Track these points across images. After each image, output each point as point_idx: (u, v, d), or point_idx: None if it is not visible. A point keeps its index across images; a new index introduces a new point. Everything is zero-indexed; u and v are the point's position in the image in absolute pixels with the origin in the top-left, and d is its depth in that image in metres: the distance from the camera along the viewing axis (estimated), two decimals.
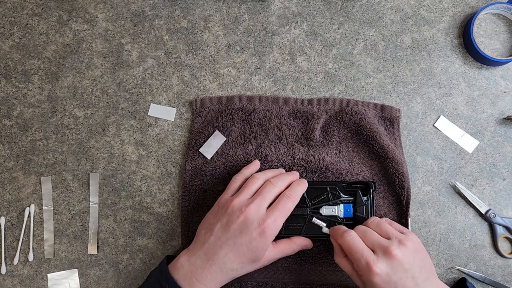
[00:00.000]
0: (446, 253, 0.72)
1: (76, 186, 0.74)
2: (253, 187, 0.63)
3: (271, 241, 0.61)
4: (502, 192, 0.73)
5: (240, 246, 0.59)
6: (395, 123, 0.73)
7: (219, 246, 0.60)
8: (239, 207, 0.61)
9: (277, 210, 0.61)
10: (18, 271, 0.73)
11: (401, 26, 0.77)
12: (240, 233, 0.59)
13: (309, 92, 0.75)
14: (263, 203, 0.61)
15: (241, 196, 0.62)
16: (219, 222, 0.61)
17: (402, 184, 0.71)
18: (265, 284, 0.70)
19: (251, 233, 0.59)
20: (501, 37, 0.76)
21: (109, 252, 0.73)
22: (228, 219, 0.61)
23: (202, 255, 0.60)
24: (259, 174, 0.66)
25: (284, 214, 0.61)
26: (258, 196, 0.62)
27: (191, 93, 0.76)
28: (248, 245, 0.59)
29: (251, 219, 0.59)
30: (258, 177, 0.65)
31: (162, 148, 0.75)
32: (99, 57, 0.76)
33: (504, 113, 0.75)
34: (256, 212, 0.60)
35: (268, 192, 0.62)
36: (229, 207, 0.61)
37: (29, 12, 0.77)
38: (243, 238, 0.59)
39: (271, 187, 0.63)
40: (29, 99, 0.76)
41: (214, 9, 0.77)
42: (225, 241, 0.60)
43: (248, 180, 0.64)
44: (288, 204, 0.62)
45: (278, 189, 0.63)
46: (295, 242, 0.66)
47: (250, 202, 0.61)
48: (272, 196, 0.62)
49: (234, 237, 0.60)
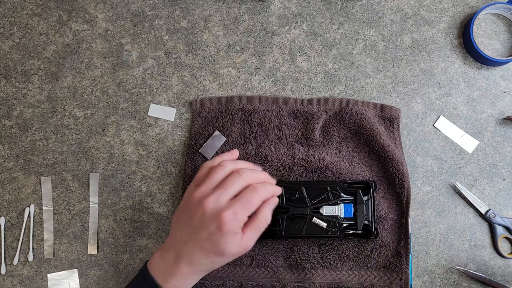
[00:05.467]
0: (446, 253, 0.72)
1: (76, 186, 0.74)
2: (216, 177, 0.57)
3: (234, 234, 0.54)
4: (502, 192, 0.73)
5: (202, 242, 0.55)
6: (395, 122, 0.73)
7: (184, 242, 0.56)
8: (199, 199, 0.56)
9: (238, 202, 0.55)
10: (18, 271, 0.73)
11: (401, 26, 0.77)
12: (200, 228, 0.55)
13: (309, 92, 0.75)
14: (224, 195, 0.55)
15: (202, 187, 0.57)
16: (183, 217, 0.57)
17: (402, 183, 0.71)
18: (265, 284, 0.70)
19: (209, 227, 0.54)
20: (501, 37, 0.76)
21: (109, 252, 0.73)
22: (190, 213, 0.56)
23: (172, 252, 0.57)
24: (227, 162, 0.59)
25: (247, 207, 0.55)
26: (220, 187, 0.56)
27: (191, 93, 0.76)
28: (209, 241, 0.54)
29: (209, 213, 0.54)
30: (224, 166, 0.58)
31: (162, 148, 0.75)
32: (99, 57, 0.76)
33: (504, 113, 0.75)
34: (215, 205, 0.54)
35: (232, 183, 0.56)
36: (191, 200, 0.57)
37: (29, 12, 0.77)
38: (203, 233, 0.55)
39: (236, 177, 0.56)
40: (29, 99, 0.76)
41: (214, 9, 0.77)
42: (188, 236, 0.56)
43: (213, 168, 0.58)
44: (253, 197, 0.55)
45: (245, 181, 0.57)
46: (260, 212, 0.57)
47: (210, 194, 0.55)
48: (236, 188, 0.56)
49: (196, 232, 0.55)
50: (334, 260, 0.70)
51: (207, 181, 0.57)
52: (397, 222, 0.71)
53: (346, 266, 0.70)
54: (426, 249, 0.72)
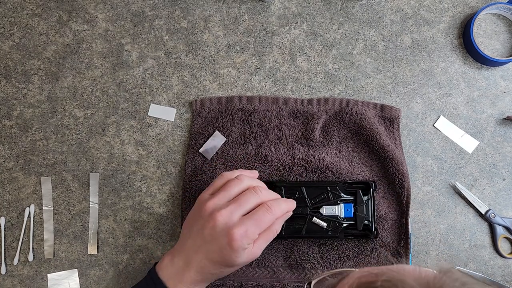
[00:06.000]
0: (446, 253, 0.72)
1: (76, 186, 0.74)
2: (232, 191, 0.58)
3: (243, 250, 0.55)
4: (502, 192, 0.73)
5: (212, 253, 0.56)
6: (395, 122, 0.73)
7: (194, 251, 0.57)
8: (211, 211, 0.56)
9: (250, 219, 0.55)
10: (18, 271, 0.73)
11: (401, 26, 0.77)
12: (211, 240, 0.56)
13: (309, 92, 0.75)
14: (238, 211, 0.56)
15: (216, 198, 0.57)
16: (196, 225, 0.58)
17: (402, 183, 0.71)
18: (266, 284, 0.70)
19: (220, 242, 0.55)
20: (501, 37, 0.76)
21: (109, 252, 0.73)
22: (202, 223, 0.57)
23: (182, 257, 0.58)
24: (245, 176, 0.59)
25: (259, 226, 0.56)
26: (234, 202, 0.56)
27: (191, 93, 0.76)
28: (219, 253, 0.55)
29: (220, 228, 0.55)
30: (241, 180, 0.59)
31: (162, 149, 0.75)
32: (99, 57, 0.76)
33: (504, 113, 0.75)
34: (227, 220, 0.55)
35: (247, 200, 0.57)
36: (203, 209, 0.57)
37: (29, 12, 0.77)
38: (214, 245, 0.56)
39: (251, 194, 0.57)
40: (29, 99, 0.76)
41: (214, 10, 0.77)
42: (199, 246, 0.57)
43: (230, 181, 0.59)
44: (265, 216, 0.56)
45: (260, 199, 0.58)
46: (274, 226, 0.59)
47: (222, 207, 0.56)
48: (250, 205, 0.57)
49: (207, 243, 0.56)
50: (334, 260, 0.70)
51: (222, 193, 0.58)
52: (397, 222, 0.71)
53: (346, 266, 0.70)
54: (426, 249, 0.72)
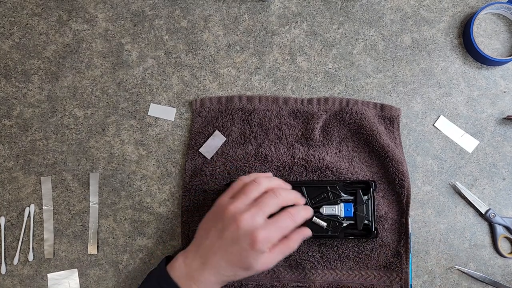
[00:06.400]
0: (446, 253, 0.72)
1: (76, 186, 0.74)
2: (252, 194, 0.59)
3: (262, 253, 0.57)
4: (502, 192, 0.73)
5: (231, 255, 0.57)
6: (395, 122, 0.73)
7: (213, 252, 0.58)
8: (233, 214, 0.57)
9: (274, 225, 0.57)
10: (18, 271, 0.73)
11: (401, 26, 0.77)
12: (232, 242, 0.57)
13: (309, 92, 0.75)
14: (259, 214, 0.57)
15: (237, 202, 0.58)
16: (215, 227, 0.59)
17: (402, 183, 0.71)
18: (266, 284, 0.70)
19: (241, 243, 0.56)
20: (501, 37, 0.76)
21: (109, 252, 0.73)
22: (222, 225, 0.58)
23: (198, 258, 0.59)
24: (262, 179, 0.61)
25: (281, 232, 0.58)
26: (255, 205, 0.58)
27: (191, 93, 0.76)
28: (238, 255, 0.57)
29: (243, 230, 0.56)
30: (260, 183, 0.60)
31: (162, 148, 0.75)
32: (99, 57, 0.76)
33: (504, 113, 0.75)
34: (250, 223, 0.56)
35: (267, 203, 0.58)
36: (225, 212, 0.58)
37: (29, 12, 0.77)
38: (234, 247, 0.57)
39: (272, 197, 0.59)
40: (29, 99, 0.76)
41: (214, 9, 0.77)
42: (218, 247, 0.58)
43: (248, 184, 0.60)
44: (288, 223, 0.58)
45: (280, 201, 0.59)
46: (292, 239, 0.60)
47: (245, 211, 0.57)
48: (271, 208, 0.59)
49: (227, 245, 0.57)
50: (334, 260, 0.70)
51: (242, 197, 0.59)
52: (397, 221, 0.71)
53: (346, 265, 0.70)
54: (426, 249, 0.72)
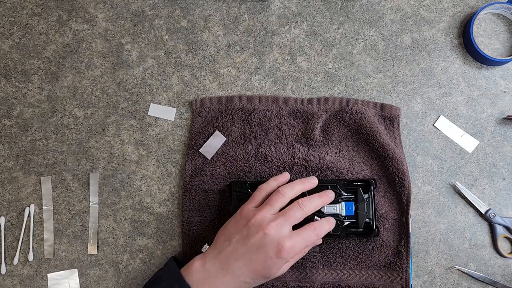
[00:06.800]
0: (446, 253, 0.72)
1: (76, 186, 0.74)
2: (277, 205, 0.62)
3: (284, 264, 0.60)
4: (502, 192, 0.73)
5: (255, 262, 0.59)
6: (395, 121, 0.73)
7: (235, 258, 0.59)
8: (260, 222, 0.60)
9: (299, 236, 0.60)
10: (18, 271, 0.73)
11: (401, 26, 0.77)
12: (257, 250, 0.59)
13: (309, 92, 0.75)
14: (286, 224, 0.60)
15: (264, 211, 0.61)
16: (239, 234, 0.60)
17: (402, 182, 0.71)
18: (266, 284, 0.70)
19: (267, 251, 0.58)
20: (501, 37, 0.76)
21: (109, 252, 0.73)
22: (247, 232, 0.60)
23: (217, 263, 0.60)
24: (286, 189, 0.63)
25: (304, 242, 0.60)
26: (282, 215, 0.60)
27: (191, 93, 0.76)
28: (263, 263, 0.59)
29: (270, 238, 0.58)
30: (284, 194, 0.62)
31: (162, 148, 0.75)
32: (99, 57, 0.76)
33: (504, 113, 0.75)
34: (277, 232, 0.59)
35: (293, 214, 0.61)
36: (251, 220, 0.60)
37: (29, 12, 0.77)
38: (260, 255, 0.59)
39: (297, 209, 0.61)
40: (29, 99, 0.76)
41: (214, 9, 0.77)
42: (241, 254, 0.59)
43: (273, 195, 0.63)
44: (311, 236, 0.61)
45: (305, 213, 0.62)
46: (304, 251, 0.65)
47: (272, 220, 0.59)
48: (296, 219, 0.61)
49: (251, 252, 0.59)
50: (334, 260, 0.70)
51: (267, 207, 0.61)
52: (398, 221, 0.71)
53: (347, 265, 0.70)
54: (426, 249, 0.72)
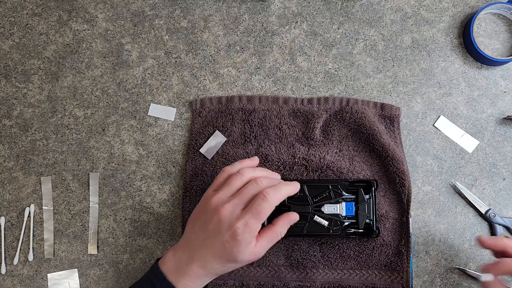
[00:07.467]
0: (446, 253, 0.72)
1: (76, 186, 0.74)
2: (235, 184, 0.58)
3: (246, 244, 0.56)
4: (502, 192, 0.73)
5: (216, 247, 0.57)
6: (395, 121, 0.73)
7: (198, 246, 0.58)
8: (216, 205, 0.57)
9: (249, 212, 0.56)
10: (18, 271, 0.72)
11: (401, 26, 0.77)
12: (214, 234, 0.57)
13: (309, 92, 0.75)
14: (241, 203, 0.57)
15: (220, 193, 0.58)
16: (199, 220, 0.59)
17: (402, 182, 0.71)
18: (267, 284, 0.70)
19: (223, 236, 0.56)
20: (501, 37, 0.76)
21: (109, 252, 0.73)
22: (205, 217, 0.58)
23: (186, 251, 0.59)
24: (246, 169, 0.60)
25: (257, 216, 0.55)
26: (237, 195, 0.57)
27: (191, 93, 0.76)
28: (222, 247, 0.56)
29: (224, 221, 0.56)
30: (243, 173, 0.59)
31: (162, 148, 0.75)
32: (99, 57, 0.76)
33: (504, 113, 0.75)
34: (231, 213, 0.56)
35: (248, 192, 0.57)
36: (208, 205, 0.58)
37: (29, 12, 0.77)
38: (217, 239, 0.56)
39: (253, 187, 0.58)
40: (29, 99, 0.76)
41: (214, 9, 0.77)
42: (203, 240, 0.58)
43: (232, 176, 0.59)
44: (262, 206, 0.56)
45: (261, 189, 0.58)
46: (278, 226, 0.59)
47: (226, 202, 0.57)
48: (251, 196, 0.58)
49: (210, 237, 0.57)
50: (335, 259, 0.70)
51: (225, 188, 0.58)
52: (398, 221, 0.71)
53: (347, 265, 0.70)
54: (426, 249, 0.72)
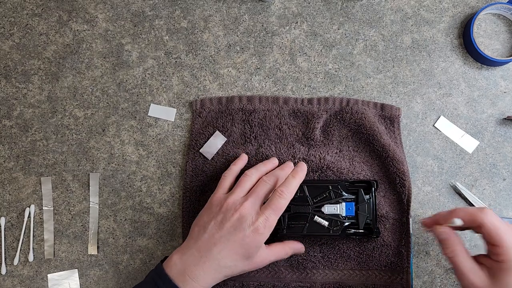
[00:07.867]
0: None
1: (76, 187, 0.74)
2: (246, 185, 0.65)
3: (264, 239, 0.61)
4: (502, 192, 0.73)
5: (233, 243, 0.60)
6: (395, 122, 0.73)
7: (213, 243, 0.61)
8: (234, 205, 0.62)
9: (269, 208, 0.61)
10: (18, 271, 0.72)
11: (401, 26, 0.77)
12: (234, 230, 0.60)
13: (309, 93, 0.75)
14: (257, 200, 0.63)
15: (235, 194, 0.64)
16: (213, 220, 0.62)
17: (403, 182, 0.71)
18: (267, 284, 0.70)
19: (244, 230, 0.60)
20: (501, 37, 0.76)
21: (109, 253, 0.73)
22: (222, 216, 0.62)
23: (195, 253, 0.61)
24: (251, 170, 0.67)
25: (276, 212, 0.62)
26: (252, 194, 0.63)
27: (191, 93, 0.76)
28: (241, 242, 0.60)
29: (246, 217, 0.61)
30: (251, 174, 0.66)
31: (162, 149, 0.75)
32: (99, 57, 0.76)
33: (504, 113, 0.75)
34: (250, 210, 0.61)
35: (261, 190, 0.64)
36: (224, 205, 0.63)
37: (29, 12, 0.77)
38: (237, 235, 0.60)
39: (263, 185, 0.64)
40: (29, 99, 0.76)
41: (214, 9, 0.77)
42: (218, 238, 0.61)
43: (241, 178, 0.66)
44: (280, 202, 0.62)
45: (271, 185, 0.65)
46: (288, 246, 0.67)
47: (244, 200, 0.62)
48: (265, 193, 0.64)
49: (228, 234, 0.61)
50: (335, 260, 0.70)
51: (238, 189, 0.64)
52: (398, 221, 0.71)
53: (348, 265, 0.70)
54: (426, 249, 0.72)
